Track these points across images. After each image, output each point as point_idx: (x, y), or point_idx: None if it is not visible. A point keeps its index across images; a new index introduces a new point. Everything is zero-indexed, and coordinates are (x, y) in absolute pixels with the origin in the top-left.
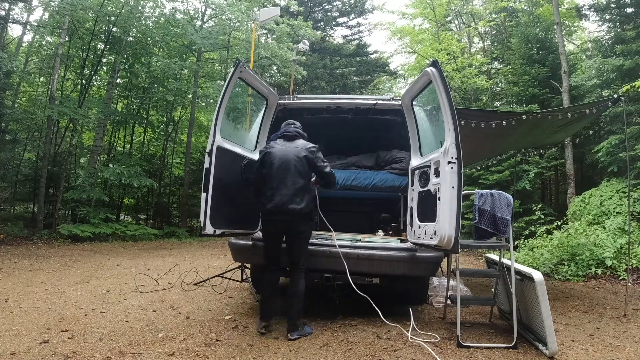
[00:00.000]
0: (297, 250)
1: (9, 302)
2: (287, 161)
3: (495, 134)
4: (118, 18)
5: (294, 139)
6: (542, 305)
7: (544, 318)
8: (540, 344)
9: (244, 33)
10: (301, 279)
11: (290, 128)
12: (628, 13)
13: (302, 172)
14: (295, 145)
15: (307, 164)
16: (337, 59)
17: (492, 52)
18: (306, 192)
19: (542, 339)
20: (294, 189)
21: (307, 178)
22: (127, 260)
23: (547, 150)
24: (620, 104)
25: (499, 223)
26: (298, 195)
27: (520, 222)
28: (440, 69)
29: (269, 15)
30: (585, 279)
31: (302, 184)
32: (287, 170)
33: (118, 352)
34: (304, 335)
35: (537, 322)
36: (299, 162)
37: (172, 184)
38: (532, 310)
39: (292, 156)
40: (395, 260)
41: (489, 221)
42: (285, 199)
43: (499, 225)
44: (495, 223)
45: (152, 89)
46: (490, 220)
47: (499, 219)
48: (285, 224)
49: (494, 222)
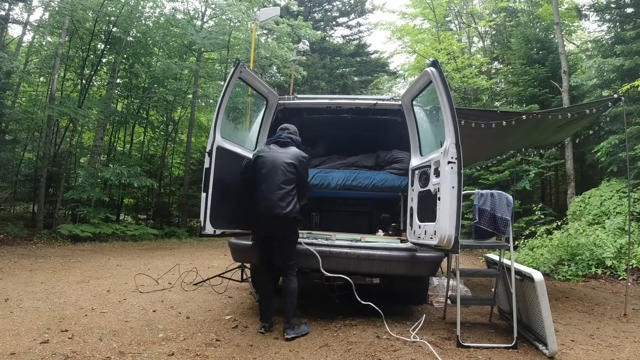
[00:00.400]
0: (286, 252)
1: (9, 302)
2: (276, 167)
3: (495, 134)
4: (118, 18)
5: (286, 145)
6: (542, 305)
7: (544, 318)
8: (540, 344)
9: (244, 33)
10: (292, 279)
11: (284, 134)
12: (628, 13)
13: (289, 178)
14: (286, 152)
15: (294, 171)
16: (337, 59)
17: (492, 52)
18: (292, 197)
19: (542, 339)
20: (280, 194)
21: (294, 184)
22: (127, 260)
23: (547, 150)
24: (620, 104)
25: (499, 223)
26: (284, 199)
27: (520, 222)
28: (440, 69)
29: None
30: (585, 279)
31: (288, 189)
32: (275, 176)
33: (118, 352)
34: (301, 334)
35: (537, 322)
36: (287, 168)
37: (172, 184)
38: (532, 310)
39: (281, 162)
40: (395, 260)
41: (489, 221)
42: (271, 204)
43: (499, 225)
44: (495, 223)
45: (152, 89)
46: (490, 220)
47: (498, 219)
48: (273, 227)
49: (494, 222)
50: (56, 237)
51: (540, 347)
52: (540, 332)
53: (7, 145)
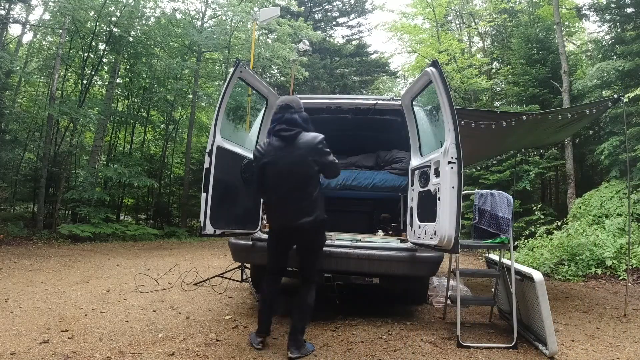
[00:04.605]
0: (309, 262)
1: (9, 302)
2: (287, 173)
3: (495, 134)
4: (119, 18)
5: (292, 139)
6: (542, 306)
7: (544, 318)
8: (540, 344)
9: (245, 33)
10: (311, 291)
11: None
12: (628, 13)
13: (309, 181)
14: (297, 148)
15: (312, 168)
16: (337, 59)
17: (492, 52)
18: (317, 201)
19: (542, 339)
20: (302, 204)
21: (315, 183)
22: (127, 260)
23: (548, 150)
24: (620, 104)
25: (501, 222)
26: (307, 207)
27: (520, 222)
28: (440, 69)
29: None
30: (585, 279)
31: (306, 194)
32: (290, 185)
33: (118, 352)
34: (305, 355)
35: (537, 322)
36: (305, 169)
37: (172, 184)
38: (532, 310)
39: (296, 167)
40: (395, 260)
41: (489, 221)
42: (292, 216)
43: (501, 224)
44: (497, 223)
45: (152, 89)
46: (491, 220)
47: (500, 218)
48: (294, 237)
49: (496, 222)
50: (56, 237)
51: (540, 347)
52: (540, 332)
53: (7, 145)
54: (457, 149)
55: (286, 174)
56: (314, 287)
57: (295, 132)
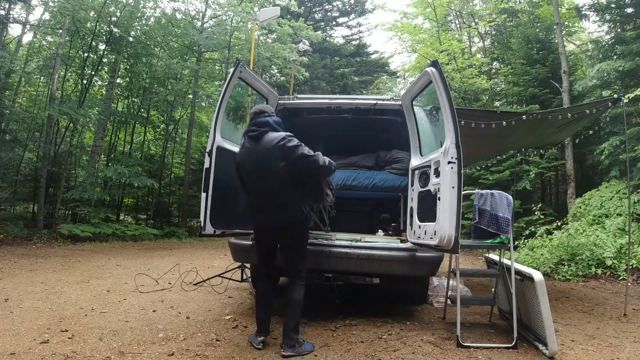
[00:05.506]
0: (292, 261)
1: (9, 302)
2: (258, 173)
3: (496, 134)
4: (119, 18)
5: (260, 138)
6: (542, 306)
7: (544, 318)
8: (540, 344)
9: (245, 33)
10: (298, 288)
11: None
12: (628, 13)
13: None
14: (261, 147)
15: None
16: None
17: (492, 52)
18: (295, 199)
19: (542, 339)
20: (277, 203)
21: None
22: (127, 260)
23: (548, 150)
24: (620, 104)
25: (501, 222)
26: (283, 205)
27: (520, 222)
28: (440, 69)
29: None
30: (585, 279)
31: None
32: (262, 184)
33: (118, 352)
34: (301, 354)
35: (537, 322)
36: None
37: (172, 184)
38: (532, 310)
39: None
40: (395, 260)
41: (489, 221)
42: (269, 215)
43: (501, 224)
44: (497, 223)
45: (152, 89)
46: (491, 220)
47: (500, 218)
48: (277, 235)
49: (496, 222)
50: (56, 237)
51: (540, 347)
52: (540, 332)
53: (7, 145)
54: (457, 149)
55: (255, 174)
56: (301, 283)
57: (260, 132)
